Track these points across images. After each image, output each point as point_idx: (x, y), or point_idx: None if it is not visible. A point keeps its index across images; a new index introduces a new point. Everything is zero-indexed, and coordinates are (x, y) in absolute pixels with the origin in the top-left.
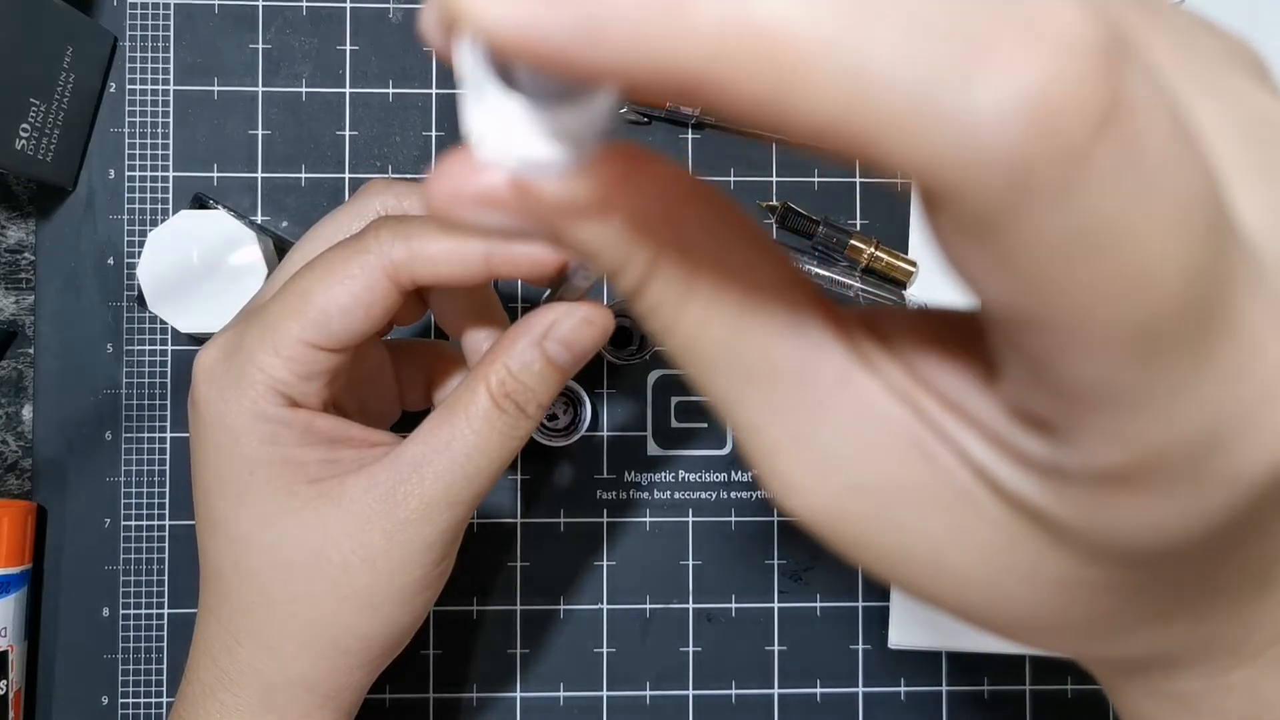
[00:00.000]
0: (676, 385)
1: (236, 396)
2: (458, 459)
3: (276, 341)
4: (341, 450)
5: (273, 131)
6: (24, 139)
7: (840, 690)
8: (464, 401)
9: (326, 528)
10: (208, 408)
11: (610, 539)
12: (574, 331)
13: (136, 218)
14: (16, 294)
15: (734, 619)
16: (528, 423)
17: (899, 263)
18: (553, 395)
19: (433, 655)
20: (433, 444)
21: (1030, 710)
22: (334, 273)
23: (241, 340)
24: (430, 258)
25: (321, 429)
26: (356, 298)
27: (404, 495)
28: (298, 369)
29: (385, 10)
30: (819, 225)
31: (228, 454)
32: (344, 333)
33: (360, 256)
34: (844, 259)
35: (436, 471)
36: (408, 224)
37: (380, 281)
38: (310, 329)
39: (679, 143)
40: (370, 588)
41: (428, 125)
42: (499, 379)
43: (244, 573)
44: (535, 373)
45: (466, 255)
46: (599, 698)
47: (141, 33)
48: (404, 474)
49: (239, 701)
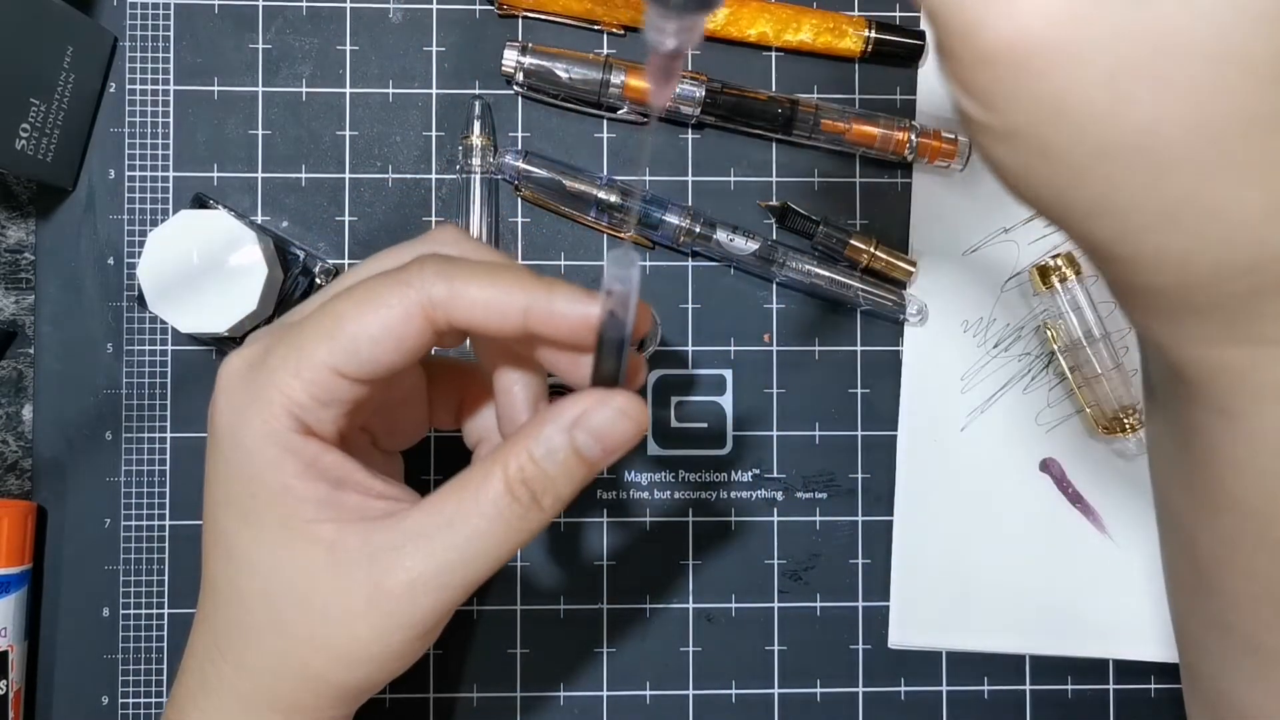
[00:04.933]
0: (676, 385)
1: (251, 413)
2: (457, 541)
3: (301, 362)
4: (345, 494)
5: (273, 131)
6: (24, 139)
7: (840, 690)
8: (476, 480)
9: (313, 573)
10: (222, 419)
11: (610, 539)
12: (607, 423)
13: (136, 218)
14: (16, 294)
15: (734, 619)
16: (540, 515)
17: (899, 263)
18: (575, 490)
19: (432, 655)
20: (436, 519)
21: (1030, 710)
22: (370, 301)
23: (267, 356)
24: (470, 302)
25: (327, 466)
26: (389, 329)
27: (394, 565)
28: (317, 393)
29: (385, 10)
30: (819, 225)
31: (235, 470)
32: (371, 362)
33: (400, 288)
34: (844, 259)
35: (433, 549)
36: (454, 264)
37: (415, 316)
38: (338, 354)
39: (679, 143)
40: (346, 644)
41: (428, 125)
42: (518, 464)
43: (235, 590)
44: (559, 462)
45: (506, 306)
46: (599, 698)
47: (141, 33)
48: (398, 542)
49: (220, 711)
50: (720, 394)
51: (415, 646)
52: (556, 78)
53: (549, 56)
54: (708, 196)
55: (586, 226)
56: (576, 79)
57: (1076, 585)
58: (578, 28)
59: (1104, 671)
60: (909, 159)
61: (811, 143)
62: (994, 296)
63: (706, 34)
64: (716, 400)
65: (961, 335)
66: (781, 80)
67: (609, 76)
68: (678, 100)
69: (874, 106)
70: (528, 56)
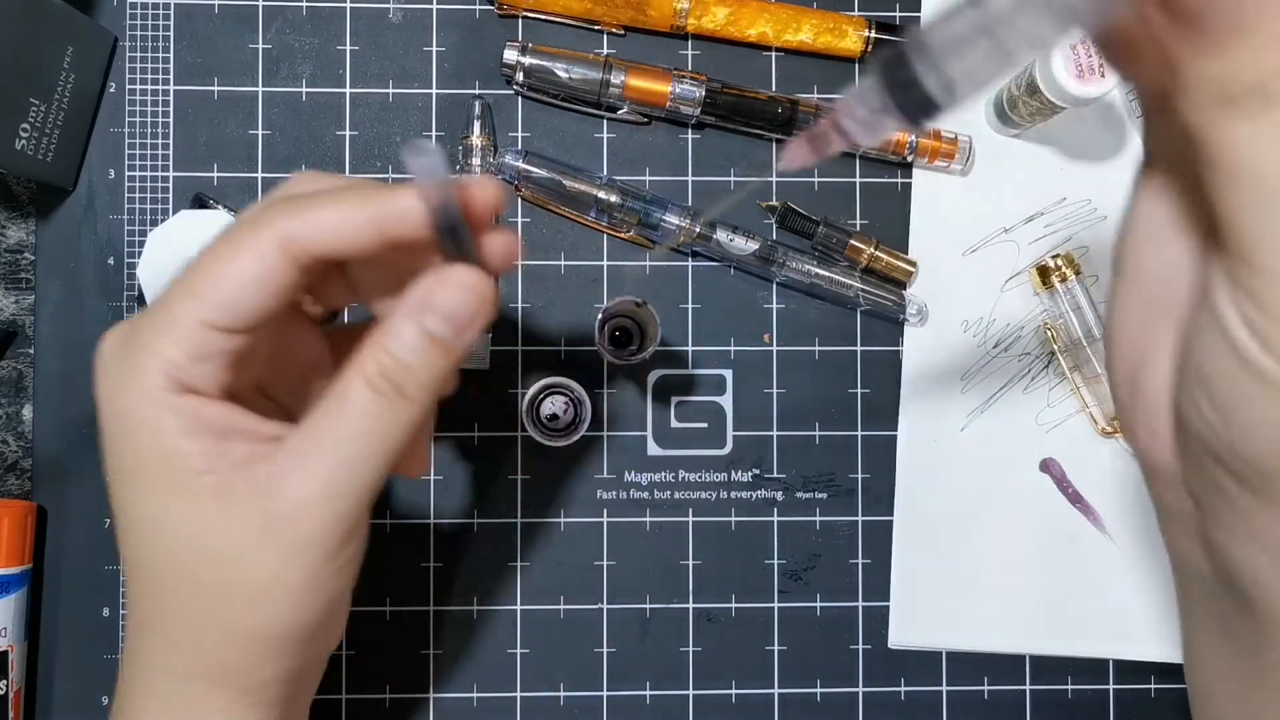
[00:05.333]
0: (676, 385)
1: (127, 382)
2: (332, 449)
3: (170, 321)
4: (233, 443)
5: (273, 131)
6: (24, 139)
7: (840, 690)
8: (340, 388)
9: (208, 523)
10: (104, 394)
11: (610, 539)
12: (452, 301)
13: (136, 218)
14: (16, 294)
15: (734, 619)
16: (408, 405)
17: (899, 263)
18: (438, 375)
19: (433, 655)
20: (308, 433)
21: (1030, 710)
22: (227, 250)
23: (138, 323)
24: (321, 227)
25: (210, 418)
26: (250, 273)
27: (279, 490)
28: (191, 350)
29: (385, 10)
30: (819, 225)
31: (121, 442)
32: (238, 309)
33: (253, 231)
34: (844, 259)
35: (312, 463)
36: (302, 197)
37: (273, 255)
38: (204, 307)
39: (679, 143)
40: (251, 584)
41: (428, 125)
42: (375, 360)
43: (144, 562)
44: (412, 349)
45: (356, 221)
46: (599, 698)
47: (141, 33)
48: (279, 468)
49: (155, 691)
50: (720, 394)
51: (325, 574)
52: (556, 78)
53: (549, 56)
54: (708, 196)
55: (586, 226)
56: (576, 79)
57: (1076, 585)
58: (578, 28)
59: (1104, 671)
60: (909, 159)
61: None
62: (994, 296)
63: (707, 34)
64: (716, 400)
65: (961, 335)
66: (781, 80)
67: (609, 76)
68: (678, 100)
69: None
70: (528, 56)
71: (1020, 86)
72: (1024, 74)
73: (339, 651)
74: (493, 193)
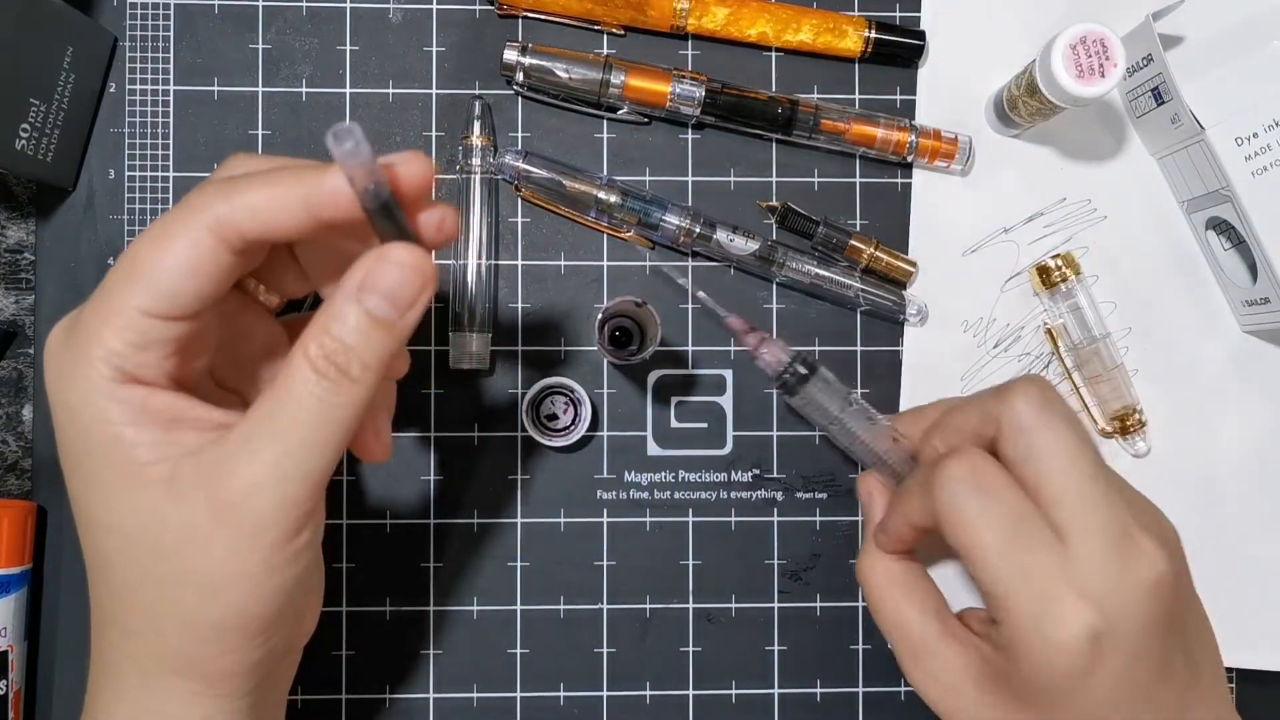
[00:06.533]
0: (676, 385)
1: (72, 374)
2: (280, 433)
3: (109, 311)
4: (182, 432)
5: (273, 131)
6: (24, 139)
7: (840, 690)
8: (285, 373)
9: (159, 511)
10: (51, 388)
11: (610, 539)
12: (390, 279)
13: (136, 218)
14: (16, 294)
15: (734, 619)
16: (353, 386)
17: (899, 263)
18: (382, 354)
19: (433, 655)
20: (255, 418)
21: None
22: (160, 236)
23: (79, 316)
24: (252, 209)
25: (158, 408)
26: (184, 258)
27: (227, 474)
28: (132, 338)
29: (385, 10)
30: (819, 225)
31: (69, 434)
32: (176, 295)
33: (184, 216)
34: (844, 259)
35: (261, 448)
36: (233, 180)
37: (205, 239)
38: (141, 295)
39: (679, 143)
40: (204, 573)
41: (428, 125)
42: (318, 343)
43: (101, 556)
44: (354, 329)
45: (286, 201)
46: (599, 698)
47: (141, 33)
48: (227, 453)
49: (120, 687)
50: (720, 394)
51: (278, 560)
52: (556, 78)
53: (549, 56)
54: (708, 196)
55: (586, 226)
56: (576, 79)
57: None
58: (578, 28)
59: None
60: (909, 159)
61: (811, 143)
62: (994, 296)
63: (707, 34)
64: (716, 400)
65: (961, 335)
66: (781, 80)
67: (609, 76)
68: (678, 100)
69: (874, 106)
70: (528, 56)
71: (1020, 86)
72: (1024, 74)
73: (339, 651)
74: (419, 168)
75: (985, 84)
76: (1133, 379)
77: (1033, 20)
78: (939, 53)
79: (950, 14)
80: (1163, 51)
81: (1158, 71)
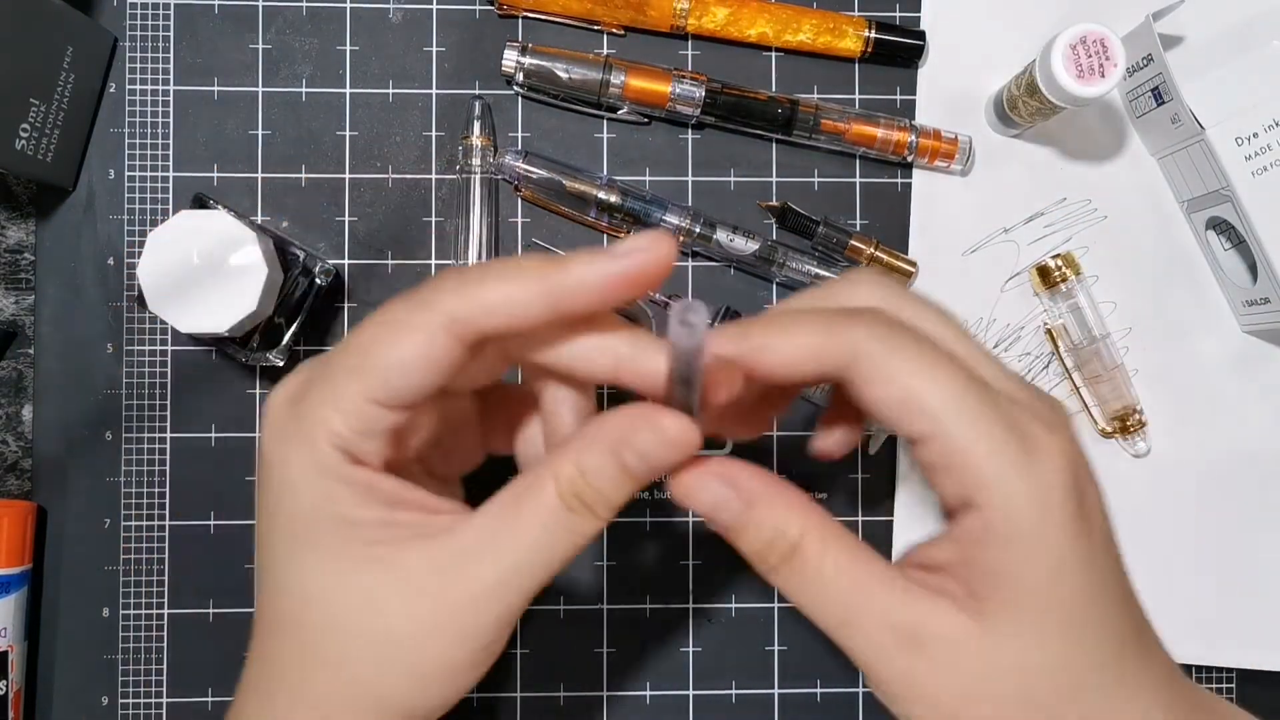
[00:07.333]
0: None
1: (297, 447)
2: (517, 552)
3: (336, 396)
4: (400, 513)
5: (273, 131)
6: (24, 139)
7: (840, 690)
8: (531, 492)
9: (377, 595)
10: (271, 454)
11: (610, 539)
12: (653, 448)
13: (136, 218)
14: (16, 294)
15: (734, 619)
16: (595, 522)
17: (899, 263)
18: (628, 496)
19: None
20: (494, 532)
21: None
22: (392, 327)
23: (307, 389)
24: (488, 306)
25: (383, 490)
26: (415, 354)
27: (458, 578)
28: (357, 425)
29: (385, 10)
30: (819, 225)
31: (285, 504)
32: (405, 390)
33: (419, 311)
34: (844, 259)
35: (495, 562)
36: (468, 273)
37: (440, 337)
38: (369, 385)
39: (679, 143)
40: (416, 663)
41: (428, 125)
42: (569, 478)
43: (294, 625)
44: (608, 478)
45: (525, 299)
46: (599, 698)
47: (141, 33)
48: (460, 557)
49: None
50: None
51: (481, 658)
52: (556, 78)
53: (549, 56)
54: (708, 196)
55: (586, 226)
56: (576, 79)
57: None
58: (578, 28)
59: None
60: (909, 159)
61: (811, 143)
62: (994, 296)
63: (707, 34)
64: None
65: None
66: (781, 80)
67: (609, 76)
68: (678, 100)
69: (874, 106)
70: (528, 56)
71: (1020, 86)
72: (1024, 74)
73: None
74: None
75: (985, 84)
76: (1133, 379)
77: (1033, 20)
78: (939, 53)
79: (950, 14)
80: (1163, 51)
81: (1158, 71)
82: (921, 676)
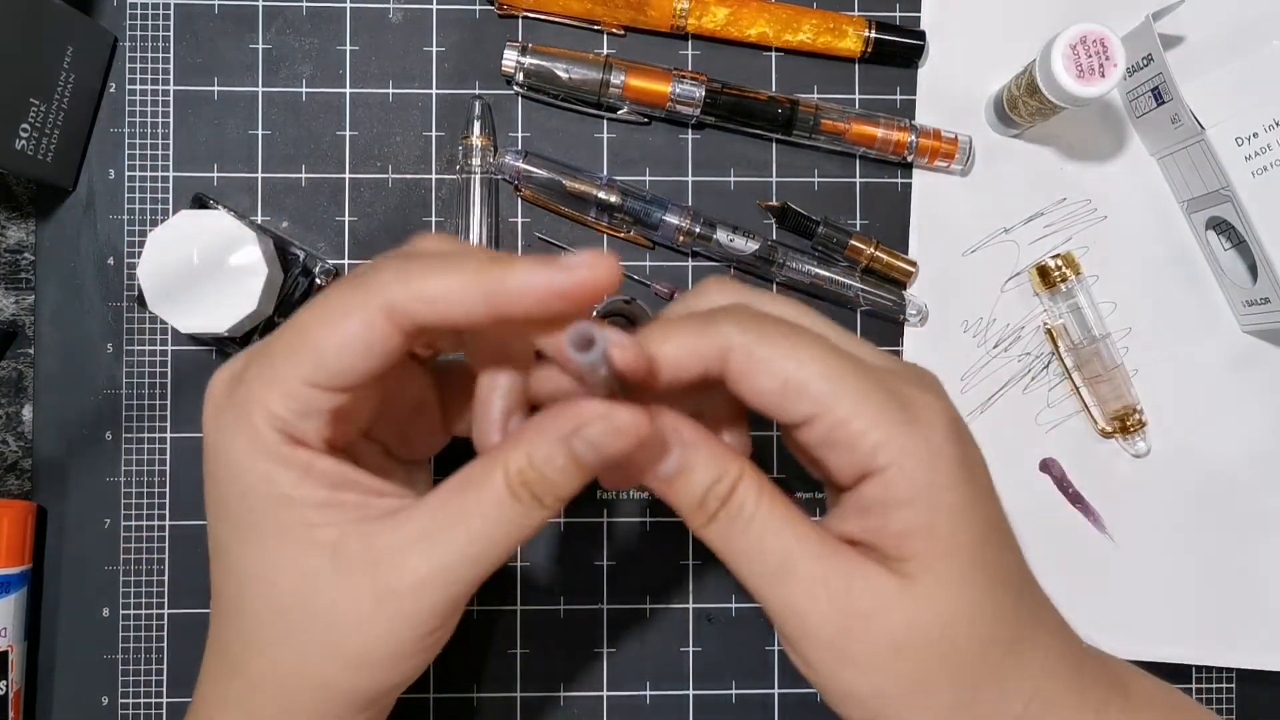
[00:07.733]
0: None
1: (236, 429)
2: (461, 539)
3: (273, 377)
4: (344, 495)
5: (273, 131)
6: (24, 139)
7: None
8: (477, 481)
9: (317, 579)
10: (211, 436)
11: (610, 539)
12: (604, 437)
13: (136, 218)
14: (16, 294)
15: (734, 619)
16: (543, 512)
17: (899, 263)
18: (576, 488)
19: None
20: (439, 519)
21: None
22: (331, 311)
23: (245, 371)
24: (428, 299)
25: (322, 471)
26: (353, 338)
27: (400, 565)
28: (295, 406)
29: (385, 10)
30: (819, 225)
31: (228, 486)
32: (341, 373)
33: (359, 295)
34: (844, 259)
35: (438, 549)
36: (411, 262)
37: (377, 322)
38: (306, 367)
39: (679, 143)
40: (356, 650)
41: (428, 125)
42: (518, 467)
43: (241, 606)
44: (558, 468)
45: (465, 295)
46: (599, 698)
47: (141, 33)
48: (403, 543)
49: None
50: None
51: (425, 645)
52: (556, 78)
53: (549, 56)
54: (708, 196)
55: (586, 226)
56: (576, 79)
57: (1076, 585)
58: (578, 28)
59: None
60: (909, 159)
61: (811, 143)
62: (994, 296)
63: (707, 34)
64: None
65: (961, 335)
66: (781, 80)
67: (609, 76)
68: (678, 100)
69: (874, 106)
70: (528, 56)
71: (1020, 86)
72: (1024, 74)
73: None
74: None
75: (985, 84)
76: (1133, 379)
77: (1033, 20)
78: (939, 53)
79: (950, 14)
80: (1163, 51)
81: (1158, 71)
82: (855, 638)
